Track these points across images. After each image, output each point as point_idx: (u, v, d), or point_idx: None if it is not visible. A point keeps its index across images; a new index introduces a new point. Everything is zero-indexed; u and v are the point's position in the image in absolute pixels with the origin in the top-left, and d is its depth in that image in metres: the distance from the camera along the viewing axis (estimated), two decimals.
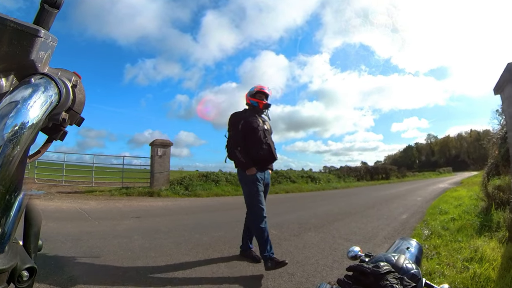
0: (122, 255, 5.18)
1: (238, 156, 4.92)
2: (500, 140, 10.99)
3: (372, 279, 0.91)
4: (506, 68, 5.93)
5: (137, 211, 10.49)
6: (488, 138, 14.09)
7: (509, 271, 4.06)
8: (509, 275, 3.94)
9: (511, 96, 5.94)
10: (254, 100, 5.24)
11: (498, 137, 11.61)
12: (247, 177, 4.92)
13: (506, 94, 6.32)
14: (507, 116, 6.74)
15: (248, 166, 4.89)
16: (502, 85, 6.36)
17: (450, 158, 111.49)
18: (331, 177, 33.44)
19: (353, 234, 7.48)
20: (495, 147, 11.88)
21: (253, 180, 4.91)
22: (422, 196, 17.57)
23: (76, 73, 0.72)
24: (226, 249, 5.83)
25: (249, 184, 4.94)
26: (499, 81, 6.41)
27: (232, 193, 18.46)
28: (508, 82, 5.98)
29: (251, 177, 4.91)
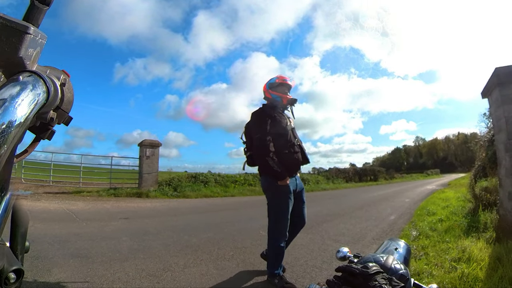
0: (111, 257, 5.13)
1: (272, 165, 4.06)
2: (488, 143, 11.14)
3: (361, 279, 0.92)
4: (494, 72, 6.05)
5: (125, 212, 10.41)
6: (475, 141, 14.31)
7: (496, 271, 4.10)
8: (496, 274, 3.99)
9: (498, 100, 6.03)
10: (276, 94, 4.43)
11: (485, 140, 11.76)
12: (278, 187, 4.14)
13: (493, 98, 6.42)
14: (494, 119, 6.82)
15: (283, 177, 4.08)
16: (489, 89, 6.47)
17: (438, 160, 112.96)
18: (320, 179, 33.57)
19: (342, 235, 7.51)
20: (482, 149, 12.04)
21: (285, 192, 4.18)
22: (410, 198, 17.72)
23: (65, 71, 0.71)
24: (215, 251, 5.82)
25: (279, 196, 4.21)
26: (486, 85, 6.51)
27: (221, 194, 18.49)
28: (495, 86, 6.08)
29: (283, 189, 4.15)
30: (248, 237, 6.97)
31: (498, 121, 6.27)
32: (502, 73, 5.88)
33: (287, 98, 4.43)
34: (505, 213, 5.99)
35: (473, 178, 12.33)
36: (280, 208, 4.21)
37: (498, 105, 6.10)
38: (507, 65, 5.98)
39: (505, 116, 5.81)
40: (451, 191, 18.04)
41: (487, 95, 6.74)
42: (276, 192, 4.22)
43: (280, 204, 4.22)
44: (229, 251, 5.85)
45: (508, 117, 5.77)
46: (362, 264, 1.00)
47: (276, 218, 4.25)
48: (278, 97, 4.41)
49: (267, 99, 4.52)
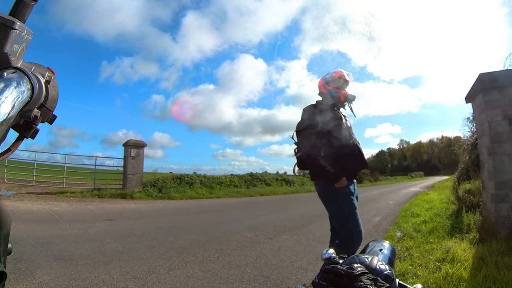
0: (95, 259, 5.08)
1: (323, 165, 3.54)
2: (471, 146, 11.33)
3: (347, 280, 0.92)
4: (478, 78, 6.19)
5: (109, 213, 10.31)
6: (459, 144, 14.50)
7: (480, 270, 4.18)
8: (480, 274, 4.06)
9: (482, 105, 6.16)
10: (333, 89, 3.93)
11: (468, 143, 11.96)
12: (336, 191, 3.58)
13: (477, 103, 6.57)
14: (477, 123, 6.96)
15: (338, 177, 3.53)
16: (473, 94, 6.61)
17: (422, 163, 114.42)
18: (305, 180, 33.63)
19: (327, 237, 7.36)
20: (465, 153, 12.23)
21: (346, 194, 3.61)
22: (394, 200, 17.89)
23: (50, 69, 0.70)
24: (200, 253, 5.79)
25: (340, 200, 3.62)
26: (470, 90, 6.65)
27: (206, 196, 18.45)
28: (479, 91, 6.24)
29: (342, 191, 3.58)
30: (233, 239, 6.95)
31: (481, 125, 6.39)
32: (485, 79, 6.02)
33: (345, 94, 3.95)
34: (488, 215, 6.10)
35: (456, 181, 12.50)
36: (346, 212, 3.62)
37: (481, 110, 6.23)
38: (491, 71, 6.14)
39: (488, 120, 5.93)
40: (435, 193, 18.28)
41: (471, 100, 6.87)
42: (337, 197, 3.62)
43: (344, 208, 3.62)
44: (215, 253, 5.82)
45: (491, 122, 5.89)
46: (347, 265, 1.01)
47: (344, 225, 3.65)
48: (336, 92, 3.93)
49: (322, 95, 4.05)
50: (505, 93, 5.88)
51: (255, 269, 4.96)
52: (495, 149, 5.90)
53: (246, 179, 25.67)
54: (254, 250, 6.13)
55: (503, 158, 5.83)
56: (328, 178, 3.62)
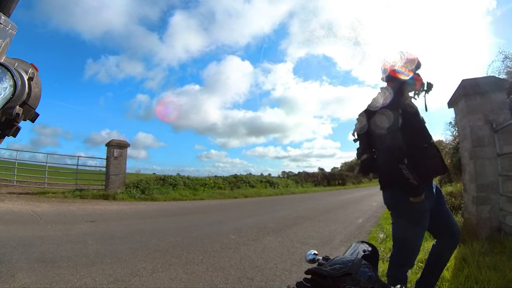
0: (77, 261, 5.00)
1: (406, 176, 2.82)
2: (453, 150, 11.55)
3: (330, 281, 0.93)
4: (461, 84, 6.33)
5: (91, 214, 10.18)
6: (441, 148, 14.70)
7: (462, 270, 4.26)
8: (462, 274, 4.14)
9: (464, 110, 6.31)
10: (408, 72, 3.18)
11: (450, 147, 12.21)
12: (409, 206, 2.93)
13: (459, 108, 6.73)
14: (459, 128, 7.09)
15: (420, 191, 2.86)
16: (456, 100, 6.76)
17: None
18: (289, 182, 33.85)
19: (311, 238, 7.58)
20: (447, 156, 12.45)
21: (420, 212, 2.97)
22: (377, 201, 18.00)
23: (34, 65, 0.69)
24: (184, 255, 5.75)
25: (411, 217, 2.99)
26: (453, 96, 6.80)
27: (190, 198, 18.35)
28: (462, 96, 6.39)
29: (416, 207, 2.93)
30: (217, 241, 6.91)
31: (463, 129, 6.52)
32: (468, 85, 6.16)
33: (422, 81, 3.25)
34: (469, 216, 6.23)
35: (438, 183, 12.71)
36: (411, 231, 3.06)
37: (463, 114, 6.35)
38: (473, 78, 6.31)
39: (470, 125, 6.06)
40: None
41: (454, 105, 7.01)
42: (409, 212, 3.00)
43: (413, 225, 3.04)
44: (199, 255, 5.78)
45: (472, 126, 6.02)
46: (331, 267, 1.02)
47: (404, 243, 3.13)
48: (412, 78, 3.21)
49: (393, 80, 3.28)
50: (487, 99, 6.05)
51: (239, 271, 4.95)
52: (477, 152, 6.02)
53: (230, 180, 25.67)
54: (238, 252, 6.11)
55: (484, 162, 5.95)
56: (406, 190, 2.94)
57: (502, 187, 5.78)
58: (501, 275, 3.82)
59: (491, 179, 5.87)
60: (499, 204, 5.77)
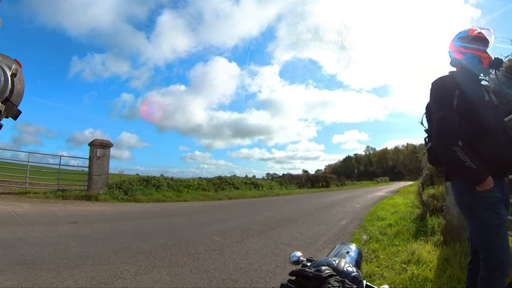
0: (59, 264, 4.91)
1: (462, 159, 2.49)
2: None
3: (315, 282, 0.92)
4: None
5: (73, 216, 10.02)
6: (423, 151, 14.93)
7: (445, 271, 4.34)
8: (445, 274, 4.22)
9: None
10: (472, 52, 2.90)
11: None
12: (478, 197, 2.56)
13: None
14: None
15: (481, 177, 2.49)
16: None
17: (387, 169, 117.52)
18: (273, 184, 33.91)
19: (295, 240, 7.60)
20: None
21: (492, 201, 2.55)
22: (360, 204, 18.22)
23: (17, 61, 0.67)
24: (167, 257, 5.70)
25: (483, 210, 2.57)
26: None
27: (173, 199, 18.22)
28: None
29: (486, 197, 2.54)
30: (201, 243, 6.88)
31: None
32: None
33: (489, 59, 2.84)
34: (451, 218, 6.33)
35: (420, 186, 12.92)
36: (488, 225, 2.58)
37: None
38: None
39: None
40: (399, 198, 18.85)
41: None
42: (478, 205, 2.58)
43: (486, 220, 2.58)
44: (182, 257, 5.74)
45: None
46: (315, 268, 1.01)
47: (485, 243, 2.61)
48: (477, 56, 2.88)
49: (456, 61, 3.05)
50: None
51: (224, 273, 4.92)
52: None
53: (214, 182, 25.57)
54: (222, 254, 6.09)
55: None
56: (467, 178, 2.61)
57: None
58: None
59: None
60: None
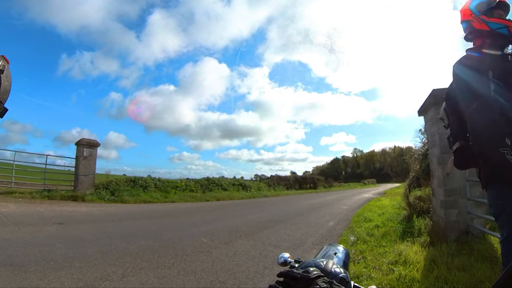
0: (45, 265, 4.86)
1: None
2: (422, 156, 11.88)
3: (303, 284, 0.93)
4: (431, 93, 6.63)
5: (59, 216, 9.91)
6: (410, 154, 15.22)
7: (432, 272, 4.38)
8: (432, 275, 4.26)
9: (433, 118, 6.60)
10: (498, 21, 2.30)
11: (420, 153, 12.56)
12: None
13: (429, 116, 7.05)
14: (429, 135, 7.34)
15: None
16: (426, 108, 7.09)
17: (375, 171, 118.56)
18: (261, 185, 33.90)
19: (283, 241, 7.62)
20: (416, 162, 12.80)
21: None
22: (347, 205, 18.31)
23: (4, 57, 0.66)
24: (155, 259, 5.67)
25: None
26: (423, 104, 7.13)
27: (160, 200, 18.11)
28: (432, 105, 6.69)
29: None
30: (189, 245, 6.86)
31: (433, 137, 6.77)
32: (438, 94, 6.44)
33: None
34: (438, 219, 6.44)
35: (407, 188, 13.11)
36: None
37: (433, 122, 6.63)
38: (443, 87, 6.46)
39: (439, 132, 6.32)
40: (386, 199, 18.96)
41: (423, 113, 7.35)
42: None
43: None
44: (170, 259, 5.72)
45: (441, 134, 6.26)
46: (303, 269, 1.02)
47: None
48: (503, 27, 2.27)
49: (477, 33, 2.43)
50: None
51: (211, 274, 4.92)
52: (445, 159, 6.24)
53: (202, 183, 25.45)
54: (210, 255, 6.08)
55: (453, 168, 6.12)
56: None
57: (470, 192, 6.03)
58: (470, 275, 3.95)
59: (459, 184, 6.11)
60: (466, 208, 6.00)
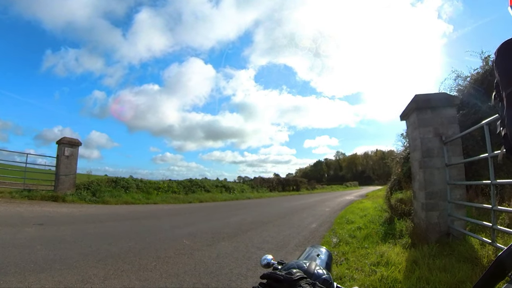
0: (25, 268, 4.77)
1: None
2: (403, 160, 12.05)
3: (286, 285, 0.94)
4: (414, 98, 6.79)
5: (40, 217, 9.77)
6: (392, 158, 15.36)
7: (414, 272, 4.44)
8: (414, 276, 4.32)
9: (415, 123, 6.78)
10: None
11: (401, 157, 12.73)
12: None
13: (411, 121, 7.22)
14: (410, 139, 7.48)
15: None
16: (408, 113, 7.28)
17: (357, 174, 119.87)
18: (245, 187, 33.91)
19: (266, 243, 7.63)
20: (398, 165, 12.95)
21: None
22: (330, 207, 18.43)
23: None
24: (137, 261, 5.62)
25: None
26: (405, 109, 7.33)
27: (142, 201, 17.97)
28: (413, 110, 6.86)
29: None
30: (171, 247, 6.81)
31: (414, 141, 6.90)
32: (420, 100, 6.68)
33: None
34: (419, 221, 6.58)
35: (389, 191, 13.26)
36: None
37: (415, 127, 6.77)
38: (426, 93, 6.87)
39: (420, 137, 6.48)
40: (368, 202, 19.17)
41: (406, 118, 7.54)
42: None
43: None
44: (152, 261, 5.67)
45: (423, 138, 6.44)
46: (286, 271, 1.03)
47: None
48: None
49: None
50: (438, 113, 6.54)
51: (194, 277, 4.90)
52: (426, 162, 6.37)
53: (185, 185, 25.37)
54: (192, 257, 6.05)
55: (433, 171, 6.33)
56: None
57: (450, 195, 6.19)
58: (451, 276, 4.02)
59: (439, 187, 6.26)
60: (447, 210, 6.14)
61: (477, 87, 9.74)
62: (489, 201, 5.24)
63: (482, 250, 4.85)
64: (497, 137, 2.05)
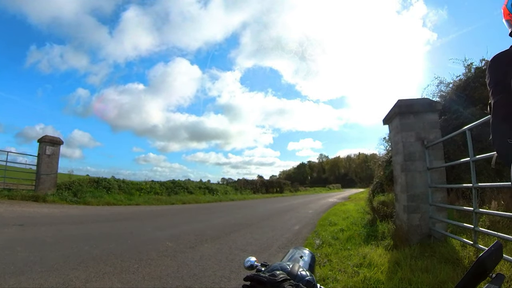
0: (4, 270, 4.70)
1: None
2: (386, 163, 12.23)
3: (270, 287, 0.94)
4: (396, 103, 6.92)
5: (20, 217, 9.61)
6: (374, 161, 15.60)
7: (396, 273, 4.52)
8: (396, 277, 4.39)
9: (398, 127, 6.92)
10: None
11: (383, 160, 12.92)
12: None
13: (393, 125, 7.37)
14: (393, 143, 7.61)
15: None
16: (391, 117, 7.42)
17: (340, 176, 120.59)
18: (228, 189, 33.84)
19: (249, 245, 7.64)
20: (380, 168, 13.13)
21: None
22: (313, 209, 18.52)
23: None
24: (119, 263, 5.56)
25: None
26: (388, 114, 7.47)
27: (125, 202, 17.77)
28: (396, 115, 6.99)
29: None
30: (154, 249, 6.76)
31: (396, 145, 7.01)
32: (403, 105, 6.81)
33: None
34: (401, 223, 6.68)
35: (371, 193, 13.45)
36: None
37: (397, 131, 6.89)
38: (408, 98, 7.00)
39: (402, 141, 6.60)
40: (351, 204, 19.37)
41: (388, 122, 7.69)
42: None
43: None
44: (134, 263, 5.62)
45: (405, 142, 6.56)
46: (269, 273, 1.04)
47: None
48: None
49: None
50: (420, 118, 6.68)
51: (177, 279, 4.88)
52: (408, 166, 6.48)
53: (168, 186, 25.23)
54: (175, 259, 6.02)
55: (415, 174, 6.45)
56: None
57: (432, 198, 6.33)
58: (433, 277, 4.11)
59: (421, 190, 6.39)
60: (428, 212, 6.27)
61: (459, 93, 9.96)
62: (470, 204, 5.36)
63: (463, 251, 4.97)
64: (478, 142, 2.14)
